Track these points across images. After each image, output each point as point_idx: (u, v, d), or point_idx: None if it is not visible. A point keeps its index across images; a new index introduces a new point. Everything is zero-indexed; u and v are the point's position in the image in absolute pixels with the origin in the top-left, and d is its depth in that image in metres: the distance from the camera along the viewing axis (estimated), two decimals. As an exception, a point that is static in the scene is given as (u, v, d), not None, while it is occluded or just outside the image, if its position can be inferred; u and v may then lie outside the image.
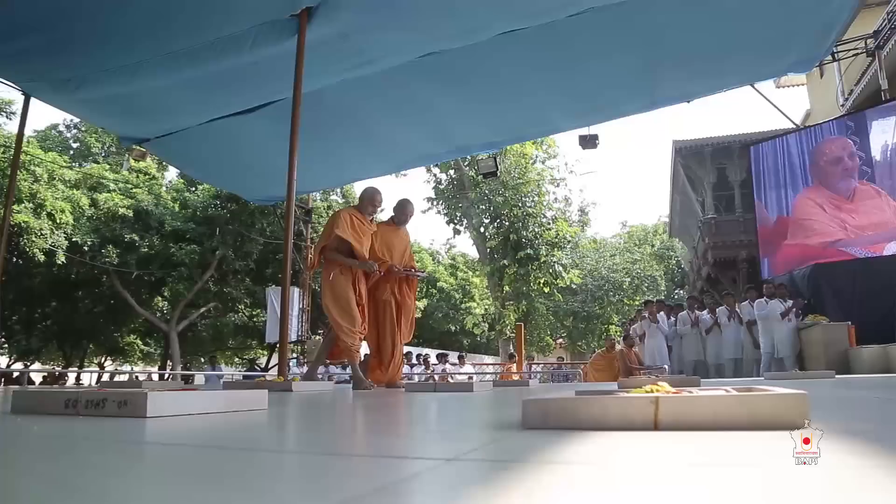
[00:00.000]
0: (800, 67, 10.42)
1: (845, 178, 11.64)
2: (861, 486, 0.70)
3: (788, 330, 9.17)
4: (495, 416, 1.93)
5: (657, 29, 7.40)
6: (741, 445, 1.01)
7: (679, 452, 0.99)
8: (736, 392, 1.32)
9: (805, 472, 0.79)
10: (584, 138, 11.78)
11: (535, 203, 19.52)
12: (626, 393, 1.38)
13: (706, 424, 1.19)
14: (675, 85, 9.29)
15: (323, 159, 9.91)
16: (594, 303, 27.20)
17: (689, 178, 20.38)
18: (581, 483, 0.78)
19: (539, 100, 8.98)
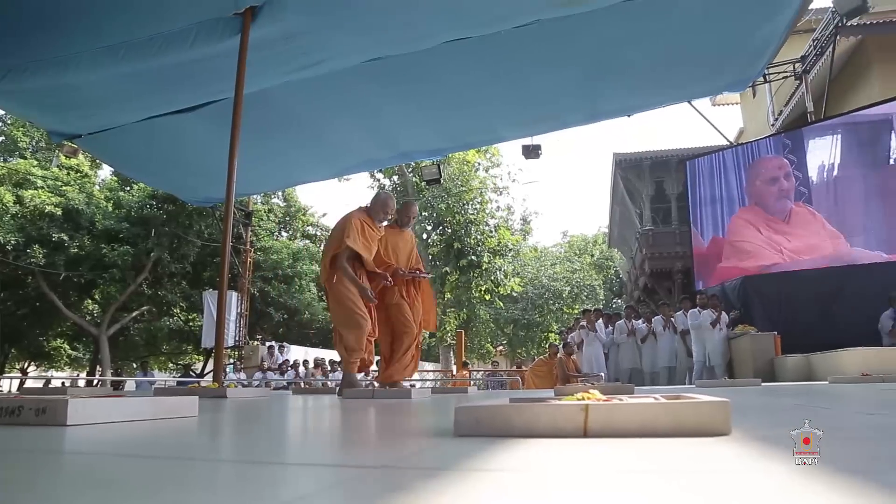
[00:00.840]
0: (734, 87, 10.85)
1: (781, 198, 11.76)
2: (781, 491, 0.72)
3: (719, 339, 9.47)
4: (429, 423, 1.93)
5: (600, 44, 7.58)
6: (667, 452, 1.03)
7: (607, 459, 1.00)
8: (664, 400, 1.35)
9: (727, 479, 0.81)
10: (527, 148, 11.94)
11: (478, 211, 19.66)
12: (559, 400, 1.40)
13: (634, 431, 1.21)
14: (616, 99, 9.53)
15: (265, 161, 9.75)
16: (534, 311, 27.57)
17: (628, 190, 20.89)
18: (508, 490, 0.78)
19: (484, 108, 9.07)
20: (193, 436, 1.64)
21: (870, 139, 10.89)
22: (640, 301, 21.35)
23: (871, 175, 10.80)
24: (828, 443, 1.20)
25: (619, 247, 27.72)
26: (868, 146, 10.93)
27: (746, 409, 2.27)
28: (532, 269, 28.05)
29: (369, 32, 6.39)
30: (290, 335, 23.72)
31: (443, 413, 2.36)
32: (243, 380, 13.49)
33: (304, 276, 24.29)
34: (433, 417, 2.17)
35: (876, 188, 10.61)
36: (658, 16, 7.16)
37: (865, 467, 0.87)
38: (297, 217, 28.74)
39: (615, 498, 0.72)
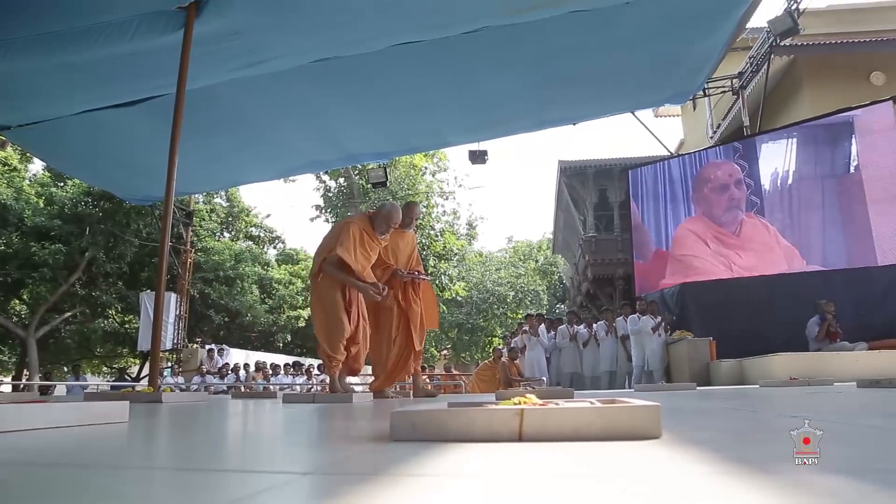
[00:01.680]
0: (676, 99, 11.20)
1: (732, 208, 11.57)
2: (704, 492, 0.75)
3: (658, 344, 9.71)
4: (367, 427, 1.92)
5: (548, 53, 7.70)
6: (599, 455, 1.05)
7: (540, 463, 1.01)
8: (599, 404, 1.38)
9: (657, 481, 0.83)
10: (473, 153, 12.02)
11: (424, 215, 19.69)
12: (496, 405, 1.41)
13: (568, 435, 1.23)
14: (562, 107, 9.70)
15: (208, 160, 9.55)
16: (479, 315, 27.72)
17: (572, 197, 21.24)
18: (438, 495, 0.78)
19: (431, 113, 9.10)
20: (117, 442, 1.59)
21: (828, 146, 10.97)
22: (582, 306, 21.72)
23: (827, 183, 10.82)
24: (750, 444, 1.25)
25: (563, 253, 28.16)
26: (826, 153, 10.99)
27: (679, 412, 2.33)
28: (477, 274, 28.23)
29: (316, 33, 6.34)
30: (231, 338, 23.22)
31: (382, 418, 2.35)
32: (181, 384, 13.13)
33: (246, 278, 23.83)
34: (372, 422, 2.15)
35: (832, 197, 10.73)
36: (605, 29, 7.32)
37: (780, 468, 0.90)
38: (240, 218, 28.19)
39: (545, 501, 0.72)
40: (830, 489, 0.73)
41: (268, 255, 30.85)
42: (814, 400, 2.78)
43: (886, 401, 2.26)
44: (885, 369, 6.80)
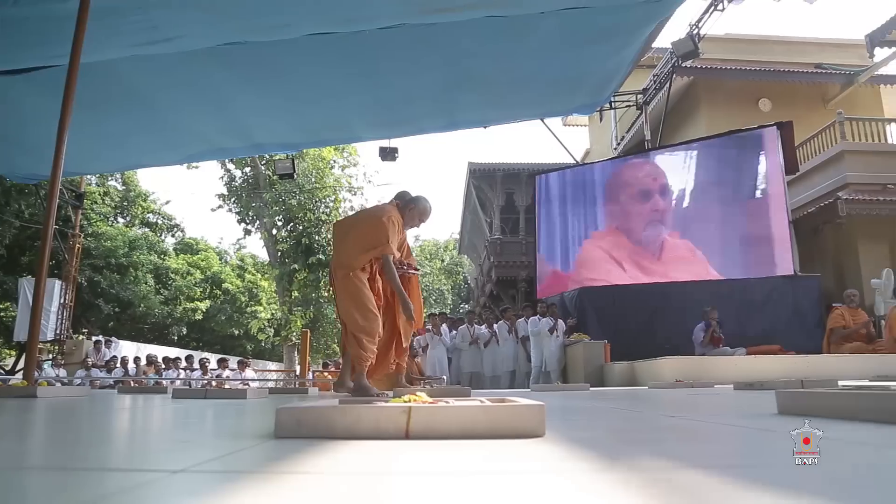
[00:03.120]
0: (584, 110, 11.56)
1: (654, 223, 11.24)
2: (574, 487, 0.77)
3: (556, 346, 10.00)
4: (255, 424, 1.87)
5: (462, 55, 7.76)
6: (481, 453, 1.06)
7: (422, 460, 1.01)
8: (490, 403, 1.40)
9: (530, 478, 0.85)
10: (384, 150, 11.96)
11: (331, 209, 19.41)
12: (386, 402, 1.40)
13: (455, 433, 1.24)
14: (474, 110, 9.81)
15: (102, 140, 9.02)
16: (386, 313, 27.64)
17: (480, 199, 21.54)
18: (309, 492, 0.77)
19: (343, 107, 8.98)
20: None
21: (723, 163, 11.31)
22: (485, 307, 22.05)
23: (733, 199, 11.09)
24: (627, 442, 1.30)
25: (469, 253, 28.50)
26: (733, 169, 11.26)
27: (568, 411, 2.40)
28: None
29: (227, 14, 6.10)
30: (121, 330, 22.07)
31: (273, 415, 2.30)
32: (63, 377, 12.35)
33: (140, 267, 22.72)
34: (261, 419, 2.10)
35: (727, 212, 11.05)
36: (519, 37, 7.46)
37: (647, 465, 0.94)
38: (136, 203, 26.85)
39: (420, 498, 0.72)
40: (687, 483, 0.77)
41: (165, 243, 29.56)
42: (694, 401, 2.94)
43: (754, 402, 2.42)
44: (759, 373, 7.28)
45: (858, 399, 1.47)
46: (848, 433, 1.23)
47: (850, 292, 9.54)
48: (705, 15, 10.29)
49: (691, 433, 1.43)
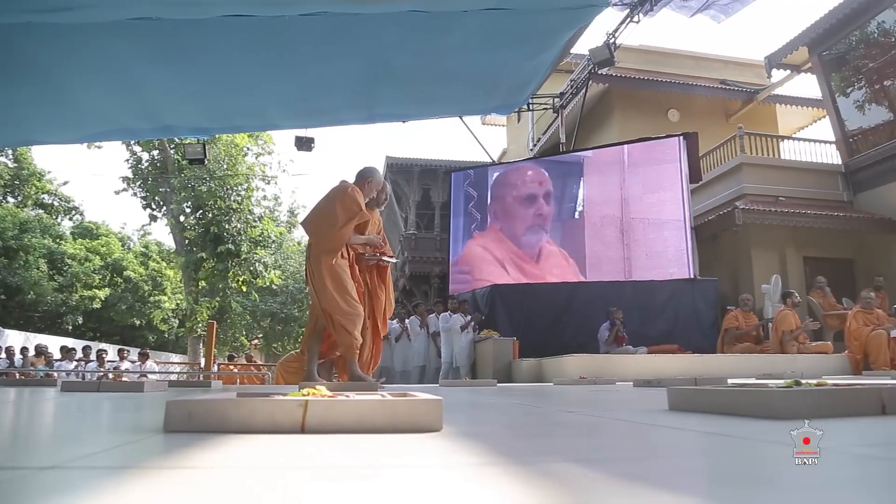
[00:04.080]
0: (502, 110, 11.68)
1: (535, 227, 11.73)
2: (470, 481, 0.76)
3: (466, 342, 10.10)
4: (146, 418, 1.78)
5: (384, 48, 7.68)
6: (375, 447, 1.05)
7: (313, 454, 0.99)
8: (390, 397, 1.38)
9: (419, 472, 0.84)
10: (300, 140, 11.72)
11: (243, 198, 18.83)
12: (283, 396, 1.36)
13: (352, 427, 1.22)
14: (393, 104, 9.74)
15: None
16: (294, 305, 27.12)
17: (396, 194, 21.49)
18: (189, 487, 0.73)
19: (259, 94, 8.71)
20: None
21: (641, 168, 11.78)
22: (398, 302, 22.05)
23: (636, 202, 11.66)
24: (522, 437, 1.32)
25: (384, 248, 28.37)
26: (638, 174, 11.77)
27: (470, 406, 2.42)
28: (295, 263, 27.57)
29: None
30: (7, 318, 20.68)
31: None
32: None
33: (32, 251, 21.33)
34: (153, 413, 2.00)
35: (643, 216, 11.60)
36: (441, 33, 7.44)
37: (536, 459, 0.95)
38: (29, 182, 25.19)
39: (303, 491, 0.70)
40: (569, 475, 0.79)
41: (62, 227, 27.92)
42: (594, 397, 3.03)
43: (649, 398, 2.51)
44: (658, 371, 7.61)
45: (740, 396, 1.55)
46: (728, 427, 1.29)
47: (745, 297, 10.14)
48: (622, 25, 10.63)
49: (584, 428, 1.47)
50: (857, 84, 13.72)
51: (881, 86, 13.26)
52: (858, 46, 13.56)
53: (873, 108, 13.42)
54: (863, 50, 13.48)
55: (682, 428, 1.35)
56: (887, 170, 12.72)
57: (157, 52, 7.36)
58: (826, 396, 1.46)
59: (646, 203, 11.58)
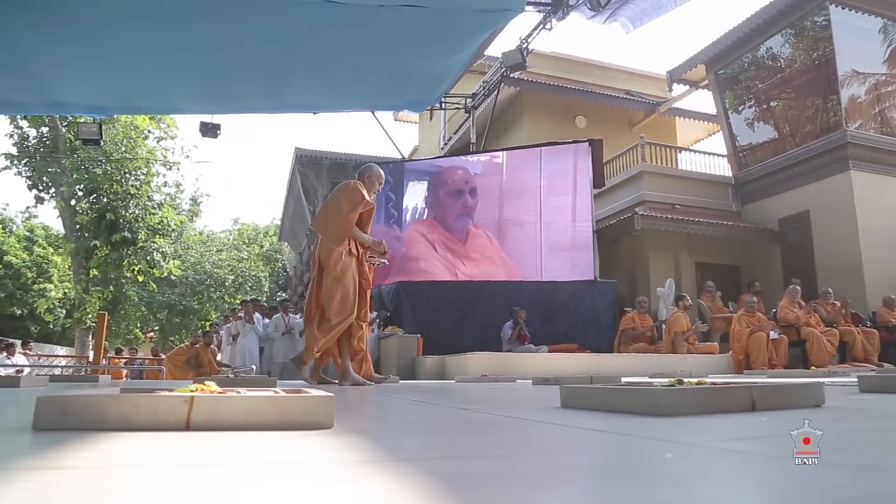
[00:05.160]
0: (414, 107, 11.68)
1: (462, 216, 12.09)
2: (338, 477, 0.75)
3: (371, 338, 10.03)
4: (14, 415, 1.67)
5: (297, 37, 7.50)
6: (262, 445, 1.02)
7: (197, 451, 0.95)
8: (282, 393, 1.35)
9: (304, 470, 0.82)
10: (205, 125, 11.32)
11: (142, 183, 17.92)
12: (169, 391, 1.31)
13: (240, 424, 1.18)
14: (304, 94, 9.55)
15: None
16: (193, 297, 26.11)
17: (304, 186, 21.11)
18: (68, 488, 0.68)
19: (163, 75, 8.32)
20: None
21: (549, 171, 12.08)
22: (303, 297, 21.66)
23: (542, 206, 11.96)
24: (412, 434, 1.32)
25: (290, 241, 27.84)
26: (546, 178, 12.07)
27: (367, 403, 2.41)
28: (196, 254, 26.55)
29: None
30: None
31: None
32: None
33: None
34: (25, 410, 1.87)
35: (549, 219, 11.90)
36: (356, 25, 7.35)
37: (422, 455, 0.96)
38: None
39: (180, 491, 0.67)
40: (450, 473, 0.79)
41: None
42: (492, 394, 3.08)
43: (545, 396, 2.58)
44: (558, 369, 7.83)
45: (626, 394, 1.62)
46: (612, 424, 1.34)
47: (641, 299, 10.61)
48: (535, 31, 10.87)
49: (476, 425, 1.49)
50: (747, 102, 14.65)
51: (768, 106, 14.21)
52: (750, 68, 14.47)
53: (761, 126, 14.37)
54: (753, 71, 14.39)
55: (568, 425, 1.39)
56: (771, 183, 13.64)
57: (51, 24, 6.91)
58: (703, 394, 1.55)
59: (551, 206, 11.92)
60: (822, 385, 1.84)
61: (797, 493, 0.66)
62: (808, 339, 9.18)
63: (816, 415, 1.53)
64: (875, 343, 9.43)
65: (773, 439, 1.08)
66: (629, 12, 9.05)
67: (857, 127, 12.59)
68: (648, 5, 8.84)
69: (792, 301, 9.74)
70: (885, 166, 12.49)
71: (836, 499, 0.61)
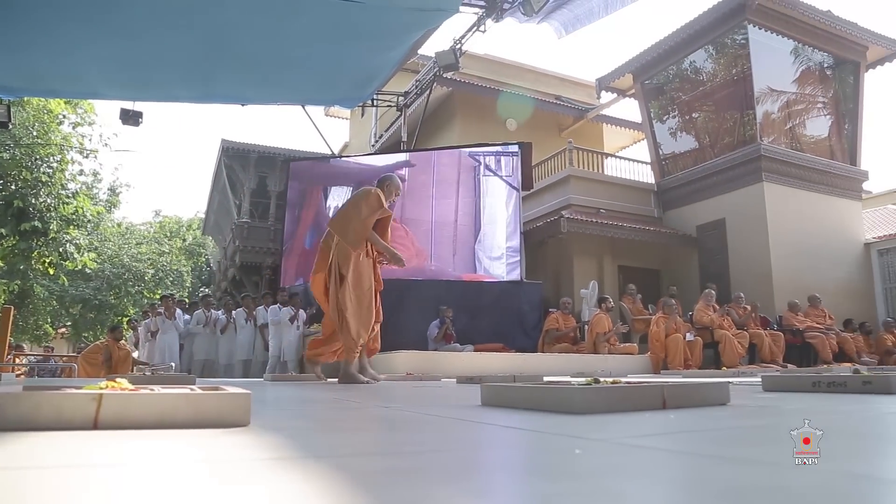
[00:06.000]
0: (346, 103, 11.61)
1: None
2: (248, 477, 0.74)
3: (295, 336, 9.89)
4: None
5: (226, 26, 7.31)
6: (173, 443, 1.00)
7: (100, 451, 0.92)
8: (198, 391, 1.32)
9: (213, 469, 0.81)
10: (126, 112, 10.87)
11: (55, 171, 16.99)
12: (76, 389, 1.26)
13: (152, 423, 1.15)
14: (232, 85, 9.32)
15: None
16: (110, 291, 24.98)
17: (230, 179, 20.57)
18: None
19: (81, 57, 7.97)
20: None
21: (477, 172, 12.35)
22: (226, 292, 21.11)
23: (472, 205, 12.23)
24: (328, 431, 1.31)
25: (214, 235, 27.06)
26: (474, 177, 12.33)
27: (288, 401, 2.38)
28: (113, 246, 25.37)
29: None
30: None
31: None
32: None
33: None
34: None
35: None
36: (288, 17, 7.24)
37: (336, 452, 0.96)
38: None
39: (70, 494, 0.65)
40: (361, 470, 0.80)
41: None
42: (415, 392, 3.09)
43: (467, 394, 2.61)
44: (482, 368, 7.92)
45: (543, 392, 1.66)
46: (528, 422, 1.37)
47: (565, 300, 10.85)
48: (469, 33, 10.93)
49: (395, 422, 1.49)
50: (671, 113, 15.22)
51: (690, 117, 14.80)
52: (674, 80, 15.03)
53: (683, 136, 14.95)
54: (678, 83, 14.97)
55: (486, 422, 1.42)
56: (691, 192, 14.20)
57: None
58: (617, 393, 1.60)
59: (480, 206, 12.05)
60: (728, 385, 1.93)
61: (691, 486, 0.69)
62: (720, 341, 9.61)
63: (721, 412, 1.61)
64: (781, 345, 9.98)
65: (679, 435, 1.13)
66: (562, 17, 9.25)
67: (771, 141, 13.27)
68: (581, 11, 9.06)
69: (707, 305, 10.17)
70: (794, 179, 13.21)
71: (725, 490, 0.64)
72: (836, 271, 13.11)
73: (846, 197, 14.01)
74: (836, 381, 2.49)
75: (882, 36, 14.30)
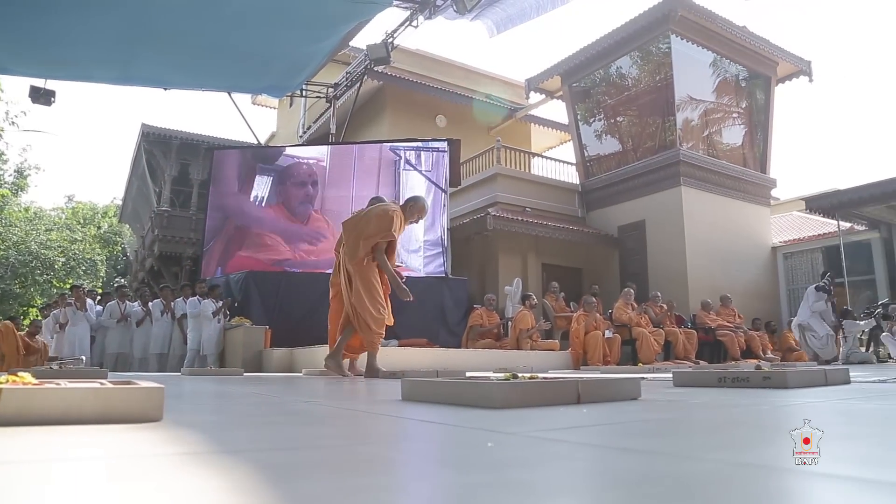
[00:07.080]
0: (274, 92, 11.38)
1: (305, 203, 12.45)
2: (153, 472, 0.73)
3: (216, 329, 9.63)
4: None
5: (148, 5, 7.04)
6: (80, 439, 0.96)
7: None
8: (108, 385, 1.27)
9: (114, 464, 0.79)
10: (37, 91, 10.31)
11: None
12: None
13: (57, 418, 1.11)
14: (153, 67, 8.98)
15: None
16: (15, 280, 23.61)
17: (150, 166, 19.81)
18: None
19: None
20: None
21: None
22: (143, 283, 20.34)
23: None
24: (245, 427, 1.30)
25: (132, 223, 25.97)
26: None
27: (203, 396, 2.32)
28: (20, 232, 23.93)
29: None
30: None
31: None
32: None
33: None
34: None
35: None
36: (218, 1, 7.03)
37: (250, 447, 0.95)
38: None
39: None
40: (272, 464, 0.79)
41: None
42: (336, 387, 3.07)
43: (388, 389, 2.62)
44: (406, 363, 7.92)
45: (463, 387, 1.69)
46: (444, 416, 1.39)
47: (489, 296, 10.99)
48: (401, 27, 10.90)
49: (312, 417, 1.49)
50: (597, 116, 15.63)
51: (615, 120, 15.24)
52: (601, 84, 15.44)
53: (608, 139, 15.38)
54: (604, 87, 15.38)
55: (405, 417, 1.43)
56: (613, 193, 14.63)
57: None
58: (534, 388, 1.65)
59: (399, 200, 12.09)
60: (639, 380, 2.02)
61: (594, 475, 0.73)
62: (638, 339, 9.96)
63: (631, 406, 1.67)
64: (694, 342, 10.43)
65: (590, 429, 1.17)
66: (494, 16, 9.34)
67: (689, 147, 13.83)
68: (513, 11, 9.17)
69: (626, 303, 10.52)
70: (709, 184, 13.82)
71: (625, 478, 0.68)
72: (745, 273, 13.80)
73: (756, 203, 14.76)
74: (739, 377, 2.64)
75: (791, 53, 15.14)
